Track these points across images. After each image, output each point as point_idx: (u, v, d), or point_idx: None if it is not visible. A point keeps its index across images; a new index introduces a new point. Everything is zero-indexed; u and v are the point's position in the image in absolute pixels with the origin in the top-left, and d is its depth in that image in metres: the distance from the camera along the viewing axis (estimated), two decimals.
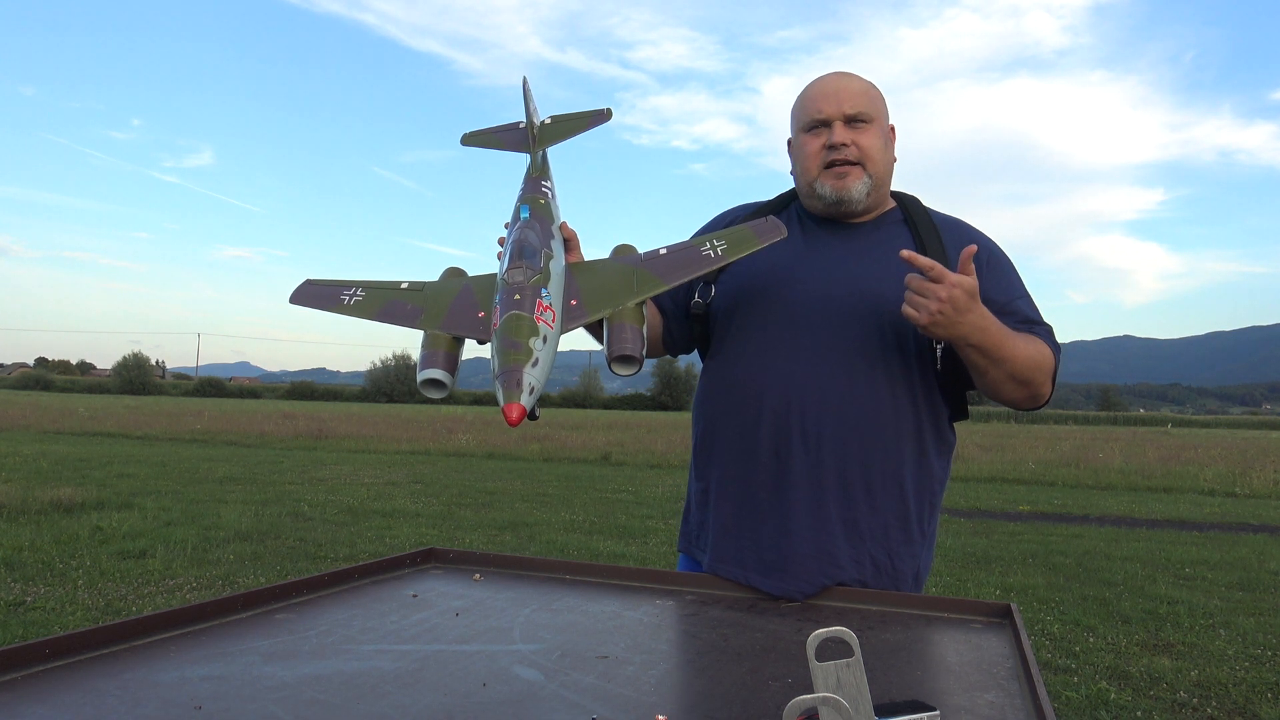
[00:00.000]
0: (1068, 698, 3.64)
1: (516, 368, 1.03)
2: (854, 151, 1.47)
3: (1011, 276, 1.52)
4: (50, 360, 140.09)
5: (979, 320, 1.33)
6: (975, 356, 1.37)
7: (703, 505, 1.56)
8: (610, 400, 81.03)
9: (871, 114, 1.49)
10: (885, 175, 1.52)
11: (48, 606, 4.55)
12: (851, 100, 1.48)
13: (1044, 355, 1.43)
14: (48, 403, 34.92)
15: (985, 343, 1.35)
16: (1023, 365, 1.39)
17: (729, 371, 1.52)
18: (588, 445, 17.45)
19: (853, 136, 1.47)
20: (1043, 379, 1.43)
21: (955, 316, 1.30)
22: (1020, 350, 1.39)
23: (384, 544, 6.65)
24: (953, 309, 1.30)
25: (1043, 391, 1.45)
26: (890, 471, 1.43)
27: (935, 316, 1.30)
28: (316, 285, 1.31)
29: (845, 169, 1.48)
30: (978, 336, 1.34)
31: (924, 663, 1.09)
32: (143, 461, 12.68)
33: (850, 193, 1.48)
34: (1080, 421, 59.42)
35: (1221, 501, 11.56)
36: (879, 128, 1.50)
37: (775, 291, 1.49)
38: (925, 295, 1.30)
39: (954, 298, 1.29)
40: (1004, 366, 1.38)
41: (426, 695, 0.91)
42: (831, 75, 1.53)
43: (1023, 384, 1.42)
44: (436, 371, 1.14)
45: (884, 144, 1.51)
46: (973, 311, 1.32)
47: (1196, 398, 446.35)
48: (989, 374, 1.40)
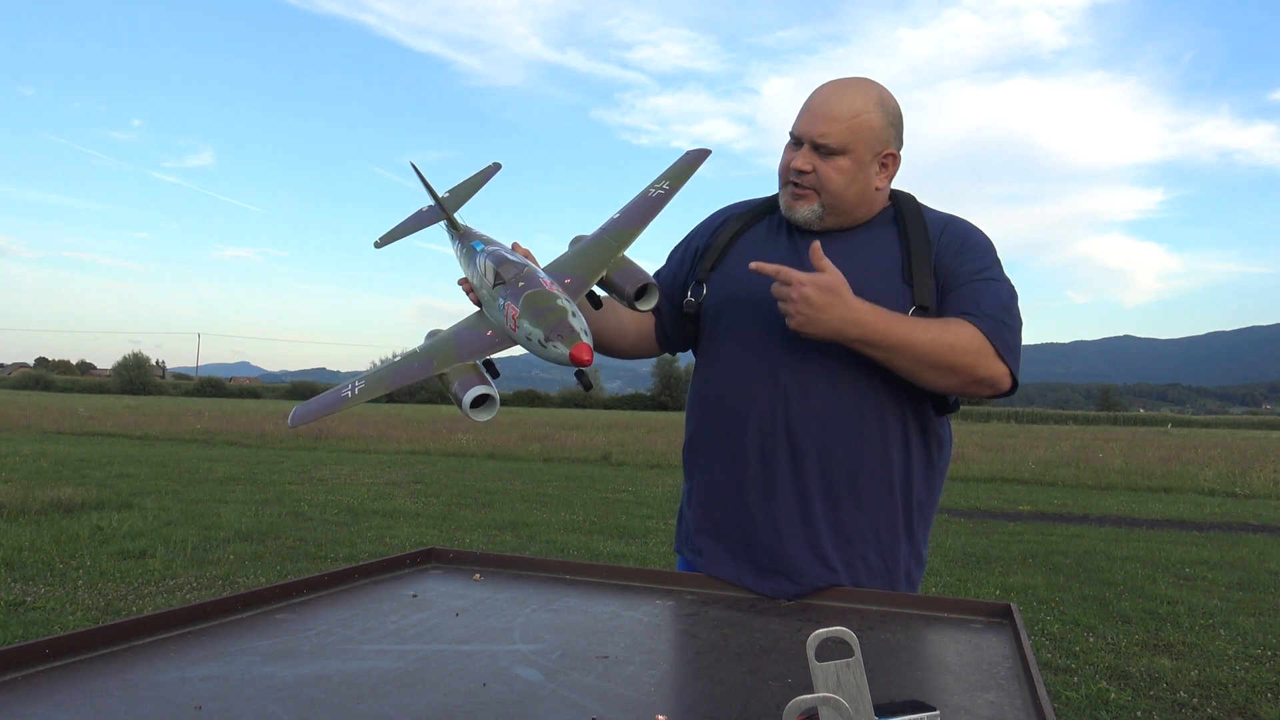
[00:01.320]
0: (1068, 698, 3.64)
1: (561, 320, 1.04)
2: (812, 179, 1.45)
3: (982, 259, 1.46)
4: (50, 360, 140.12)
5: (848, 313, 1.32)
6: (869, 350, 1.36)
7: (692, 506, 1.57)
8: (610, 400, 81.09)
9: (846, 145, 1.42)
10: (849, 203, 1.47)
11: (48, 606, 4.55)
12: (827, 126, 1.42)
13: (959, 336, 1.36)
14: (48, 403, 34.92)
15: (865, 335, 1.34)
16: (926, 349, 1.34)
17: (717, 373, 1.53)
18: (588, 445, 17.45)
19: (815, 163, 1.44)
20: (969, 360, 1.36)
21: (815, 314, 1.32)
22: (918, 335, 1.35)
23: (384, 544, 6.65)
24: (808, 306, 1.31)
25: (981, 373, 1.37)
26: (878, 472, 1.43)
27: (796, 318, 1.33)
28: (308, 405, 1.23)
29: (800, 191, 1.47)
30: (854, 330, 1.33)
31: (924, 663, 1.09)
32: (143, 461, 12.68)
33: (796, 214, 1.48)
34: (1080, 421, 59.42)
35: (1221, 501, 11.56)
36: (853, 159, 1.43)
37: (762, 294, 1.47)
38: (782, 299, 1.33)
39: (805, 296, 1.31)
40: (904, 354, 1.35)
41: (426, 695, 0.91)
42: (831, 88, 1.46)
43: (941, 369, 1.36)
44: (481, 388, 1.09)
45: (851, 178, 1.44)
46: (835, 306, 1.32)
47: (1196, 398, 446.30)
48: (895, 365, 1.37)
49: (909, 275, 1.43)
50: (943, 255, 1.45)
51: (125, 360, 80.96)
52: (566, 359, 1.02)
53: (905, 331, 1.35)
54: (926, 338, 1.35)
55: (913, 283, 1.42)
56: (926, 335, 1.35)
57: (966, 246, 1.47)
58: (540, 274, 1.15)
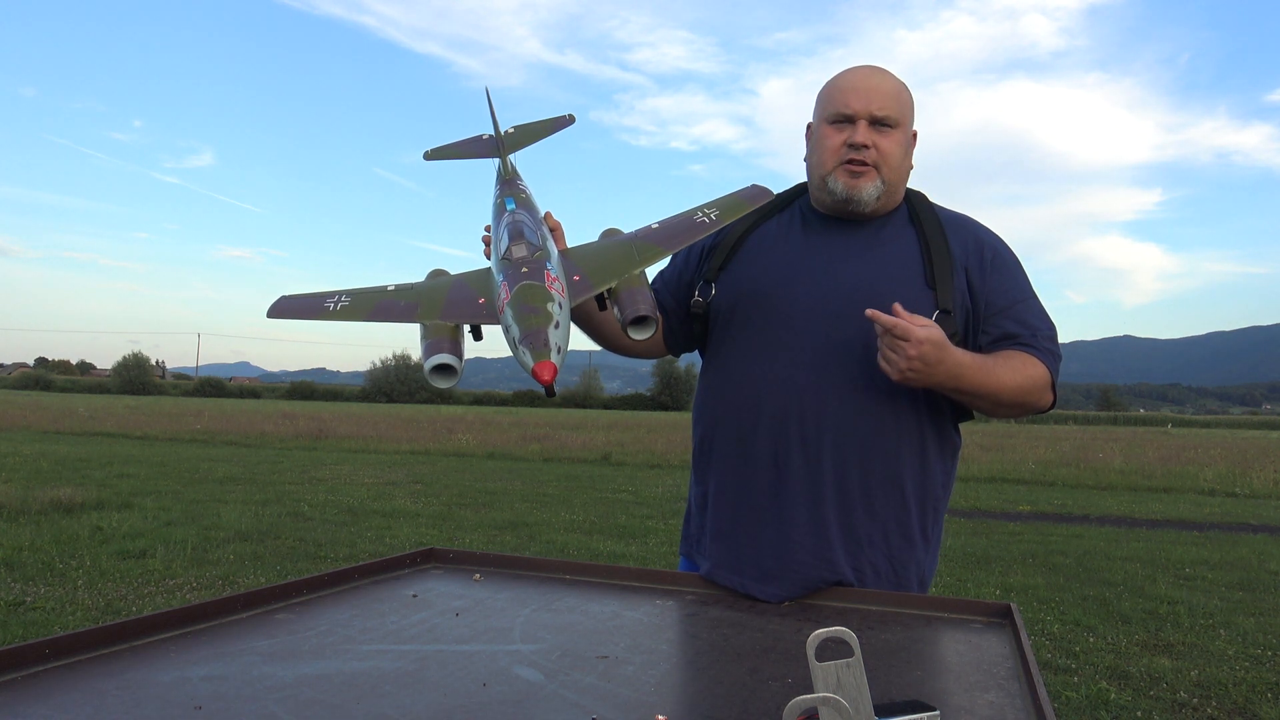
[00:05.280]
0: (1068, 698, 3.64)
1: (540, 329, 1.01)
2: (873, 154, 1.45)
3: (1016, 278, 1.49)
4: (50, 360, 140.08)
5: (953, 368, 1.34)
6: (958, 396, 1.41)
7: (702, 510, 1.55)
8: (610, 400, 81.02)
9: (898, 118, 1.46)
10: (900, 181, 1.50)
11: (48, 606, 4.55)
12: (881, 101, 1.45)
13: (1033, 376, 1.43)
14: (48, 403, 34.92)
15: (964, 385, 1.37)
16: (1010, 393, 1.41)
17: (727, 374, 1.51)
18: (588, 445, 17.45)
19: (875, 138, 1.45)
20: (1036, 397, 1.44)
21: (927, 370, 1.32)
22: (1005, 380, 1.40)
23: (384, 544, 6.65)
24: (923, 364, 1.31)
25: (1040, 404, 1.46)
26: (890, 477, 1.41)
27: (906, 374, 1.33)
28: (294, 298, 1.27)
29: (861, 169, 1.46)
30: (954, 383, 1.36)
31: (924, 663, 1.09)
32: (143, 461, 12.67)
33: (861, 194, 1.46)
34: (1080, 421, 59.43)
35: (1221, 501, 11.56)
36: (903, 133, 1.48)
37: (774, 292, 1.47)
38: (895, 352, 1.32)
39: (924, 354, 1.31)
40: (990, 399, 1.41)
41: (426, 695, 0.91)
42: (865, 69, 1.49)
43: (1014, 406, 1.43)
44: (445, 356, 1.10)
45: (904, 151, 1.48)
46: (944, 362, 1.33)
47: (1196, 398, 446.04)
48: (976, 405, 1.44)
49: (931, 280, 1.43)
50: (973, 265, 1.46)
51: (125, 360, 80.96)
52: (529, 370, 1.00)
53: (996, 379, 1.39)
54: (1011, 383, 1.40)
55: (935, 287, 1.43)
56: (1011, 381, 1.40)
57: (1000, 260, 1.49)
58: (550, 263, 1.13)
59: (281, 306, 1.26)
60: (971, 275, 1.45)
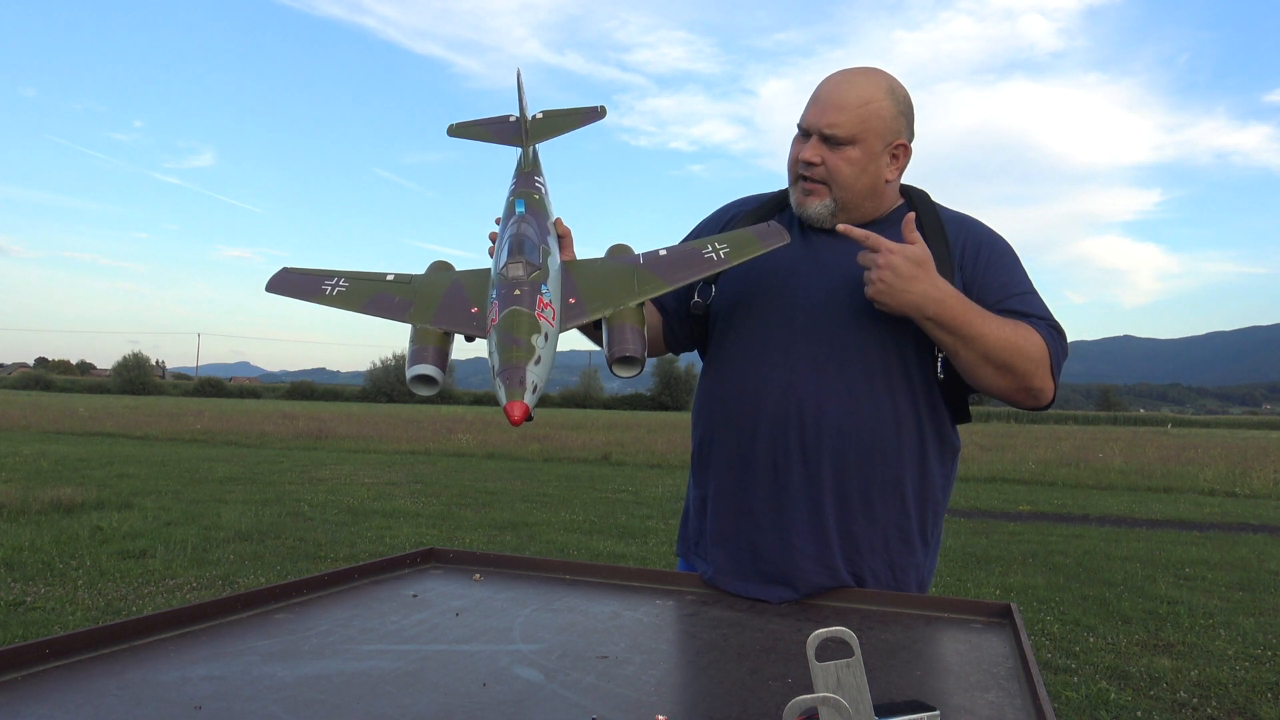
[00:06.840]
0: (1068, 698, 3.64)
1: (519, 365, 1.00)
2: (821, 171, 1.41)
3: (1012, 272, 1.45)
4: (50, 360, 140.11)
5: (931, 290, 1.30)
6: (940, 334, 1.33)
7: (701, 513, 1.54)
8: (610, 400, 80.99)
9: (856, 135, 1.39)
10: (860, 197, 1.44)
11: (48, 606, 4.55)
12: (833, 117, 1.38)
13: (1028, 340, 1.35)
14: (48, 403, 34.92)
15: (944, 315, 1.31)
16: (996, 346, 1.32)
17: (727, 377, 1.49)
18: (588, 445, 17.44)
19: (824, 155, 1.40)
20: (1030, 367, 1.35)
21: (899, 284, 1.29)
22: (993, 330, 1.32)
23: (384, 544, 6.65)
24: (895, 276, 1.28)
25: (1035, 383, 1.37)
26: (890, 482, 1.40)
27: (878, 285, 1.30)
28: (295, 273, 1.26)
29: (810, 186, 1.43)
30: (933, 308, 1.30)
31: (924, 663, 1.09)
32: (143, 461, 12.67)
33: (807, 211, 1.45)
34: (1080, 421, 59.41)
35: (1221, 501, 11.56)
36: (863, 149, 1.40)
37: (774, 294, 1.46)
38: (867, 267, 1.30)
39: (892, 264, 1.28)
40: (974, 346, 1.32)
41: (426, 695, 0.91)
42: (839, 77, 1.43)
43: (1003, 369, 1.34)
44: (427, 367, 1.10)
45: (861, 168, 1.41)
46: (920, 280, 1.29)
47: (1196, 398, 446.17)
48: (960, 355, 1.34)
49: None
50: (968, 264, 1.43)
51: (125, 360, 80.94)
52: (501, 404, 0.99)
53: (982, 322, 1.32)
54: (1000, 334, 1.33)
55: None
56: (1000, 332, 1.33)
57: (996, 256, 1.45)
58: (546, 285, 1.12)
59: (282, 279, 1.25)
60: (968, 273, 1.43)
